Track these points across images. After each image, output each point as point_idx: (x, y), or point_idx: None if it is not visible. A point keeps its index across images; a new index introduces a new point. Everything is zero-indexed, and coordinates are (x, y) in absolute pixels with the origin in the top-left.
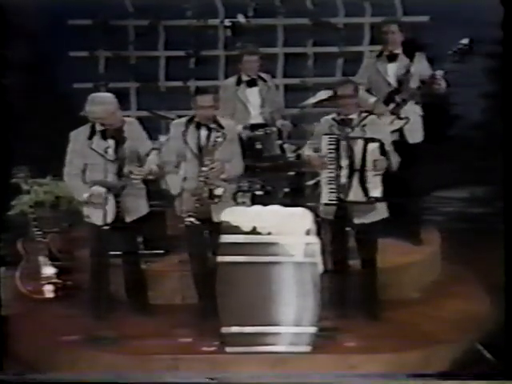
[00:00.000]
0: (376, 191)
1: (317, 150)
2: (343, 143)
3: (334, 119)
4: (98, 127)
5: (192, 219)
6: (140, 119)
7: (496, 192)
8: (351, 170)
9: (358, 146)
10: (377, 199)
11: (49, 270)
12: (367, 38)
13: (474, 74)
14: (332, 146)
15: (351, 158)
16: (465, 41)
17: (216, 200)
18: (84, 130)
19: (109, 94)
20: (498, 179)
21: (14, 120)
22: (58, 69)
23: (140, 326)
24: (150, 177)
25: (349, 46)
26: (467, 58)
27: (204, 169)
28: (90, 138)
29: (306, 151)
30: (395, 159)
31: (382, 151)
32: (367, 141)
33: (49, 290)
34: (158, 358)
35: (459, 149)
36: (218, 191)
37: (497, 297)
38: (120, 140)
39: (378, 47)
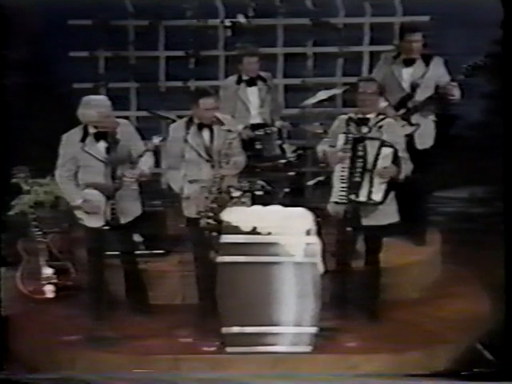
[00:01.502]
0: (378, 195)
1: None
2: (359, 143)
3: (350, 118)
4: (91, 129)
5: (209, 220)
6: (140, 119)
7: (496, 192)
8: (364, 170)
9: (373, 147)
10: (378, 202)
11: (49, 270)
12: (367, 37)
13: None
14: (347, 146)
15: (364, 158)
16: (481, 59)
17: (234, 200)
18: (76, 132)
19: (103, 97)
20: (498, 179)
21: (13, 120)
22: (58, 69)
23: (140, 326)
24: (143, 178)
25: (349, 46)
26: (481, 73)
27: (219, 171)
28: (83, 140)
29: (321, 147)
30: (407, 167)
31: (394, 159)
32: (383, 144)
33: (49, 290)
34: (158, 358)
35: (459, 149)
36: (236, 193)
37: (497, 297)
38: (113, 142)
39: (378, 47)
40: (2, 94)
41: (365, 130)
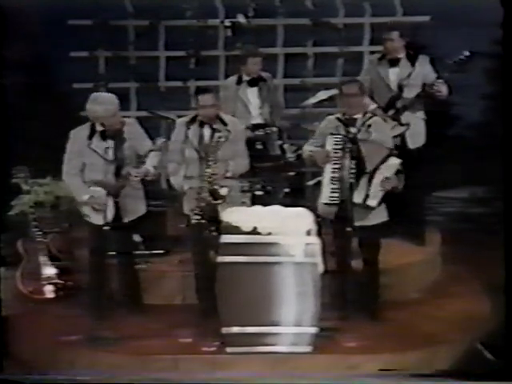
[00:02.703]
0: (373, 201)
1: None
2: (351, 144)
3: (338, 119)
4: (98, 127)
5: (197, 217)
6: (140, 119)
7: (496, 192)
8: (360, 172)
9: (369, 149)
10: (372, 208)
11: (49, 270)
12: (367, 37)
13: (474, 74)
14: (338, 146)
15: (359, 159)
16: (466, 53)
17: (220, 201)
18: (84, 129)
19: (111, 95)
20: (498, 179)
21: (13, 120)
22: (58, 69)
23: (140, 326)
24: (148, 178)
25: (349, 46)
26: (466, 68)
27: (208, 170)
28: (90, 137)
29: (308, 148)
30: (402, 177)
31: (398, 170)
32: (391, 153)
33: (49, 291)
34: (158, 358)
35: (459, 149)
36: (223, 191)
37: (497, 297)
38: (119, 140)
39: (378, 47)
40: (2, 94)
41: (353, 130)
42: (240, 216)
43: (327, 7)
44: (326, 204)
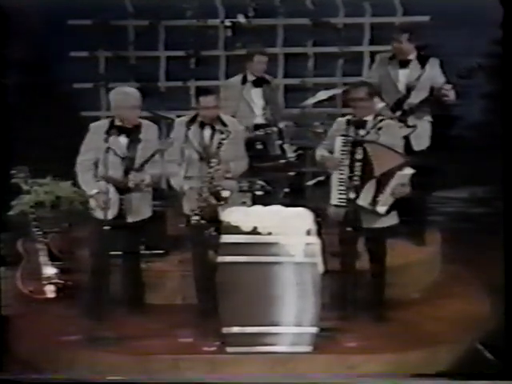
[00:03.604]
0: (383, 208)
1: (330, 151)
2: (357, 146)
3: (348, 120)
4: (117, 122)
5: (197, 217)
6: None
7: (496, 192)
8: (364, 174)
9: (375, 151)
10: (381, 214)
11: (49, 270)
12: (367, 37)
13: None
14: (345, 148)
15: (365, 162)
16: (476, 61)
17: (222, 202)
18: (103, 123)
19: (134, 89)
20: (498, 179)
21: (14, 120)
22: (58, 69)
23: (140, 326)
24: (143, 187)
25: (349, 46)
26: (475, 76)
27: (209, 170)
28: (107, 132)
29: (319, 151)
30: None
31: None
32: (407, 163)
33: (49, 290)
34: (158, 358)
35: (459, 149)
36: (225, 193)
37: (497, 297)
38: (135, 140)
39: (378, 47)
40: (2, 94)
41: (362, 132)
42: (240, 216)
43: (327, 7)
44: (335, 206)
